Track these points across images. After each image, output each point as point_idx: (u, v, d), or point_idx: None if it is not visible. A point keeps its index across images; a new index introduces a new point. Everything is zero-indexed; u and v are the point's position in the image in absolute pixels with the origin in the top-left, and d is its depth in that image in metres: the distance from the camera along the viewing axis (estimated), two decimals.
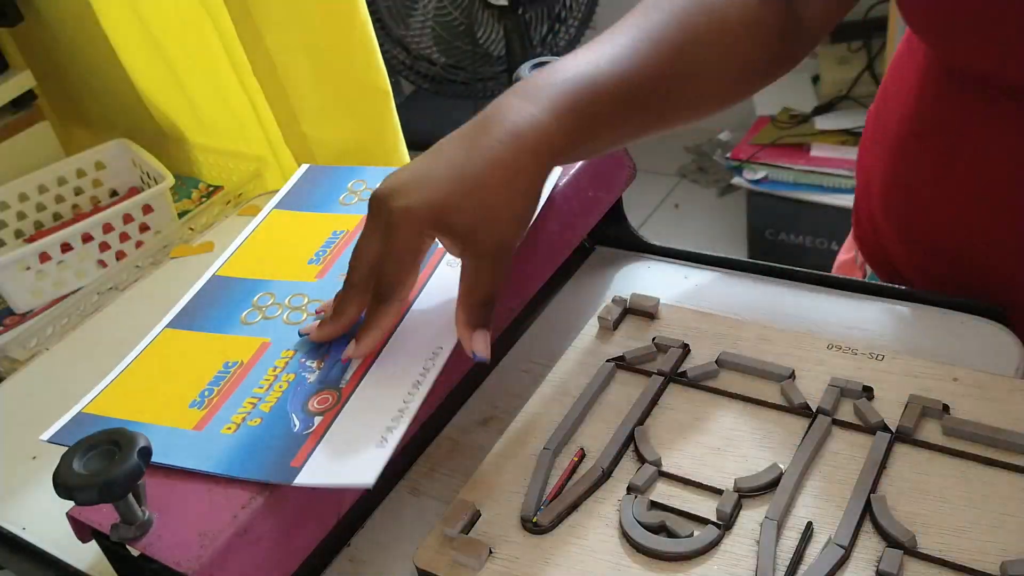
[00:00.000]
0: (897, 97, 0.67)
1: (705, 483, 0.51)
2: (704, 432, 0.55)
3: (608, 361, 0.60)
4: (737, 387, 0.57)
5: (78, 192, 1.02)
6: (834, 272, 0.80)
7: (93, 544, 0.50)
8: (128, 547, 0.47)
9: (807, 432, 0.53)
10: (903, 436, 0.52)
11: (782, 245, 2.11)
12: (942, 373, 0.55)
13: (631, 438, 0.55)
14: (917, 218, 0.66)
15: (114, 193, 1.04)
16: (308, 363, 0.55)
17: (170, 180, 0.93)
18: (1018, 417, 0.51)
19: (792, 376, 0.56)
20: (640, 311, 0.64)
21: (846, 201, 1.94)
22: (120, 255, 0.92)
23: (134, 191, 1.03)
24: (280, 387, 0.53)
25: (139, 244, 0.93)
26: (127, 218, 0.91)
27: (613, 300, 0.65)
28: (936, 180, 0.63)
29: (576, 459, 0.54)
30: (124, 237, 0.92)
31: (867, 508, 0.48)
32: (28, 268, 0.86)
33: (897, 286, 0.64)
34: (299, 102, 0.90)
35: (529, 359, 0.66)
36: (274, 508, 0.48)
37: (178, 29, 0.94)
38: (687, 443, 0.54)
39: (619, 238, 0.74)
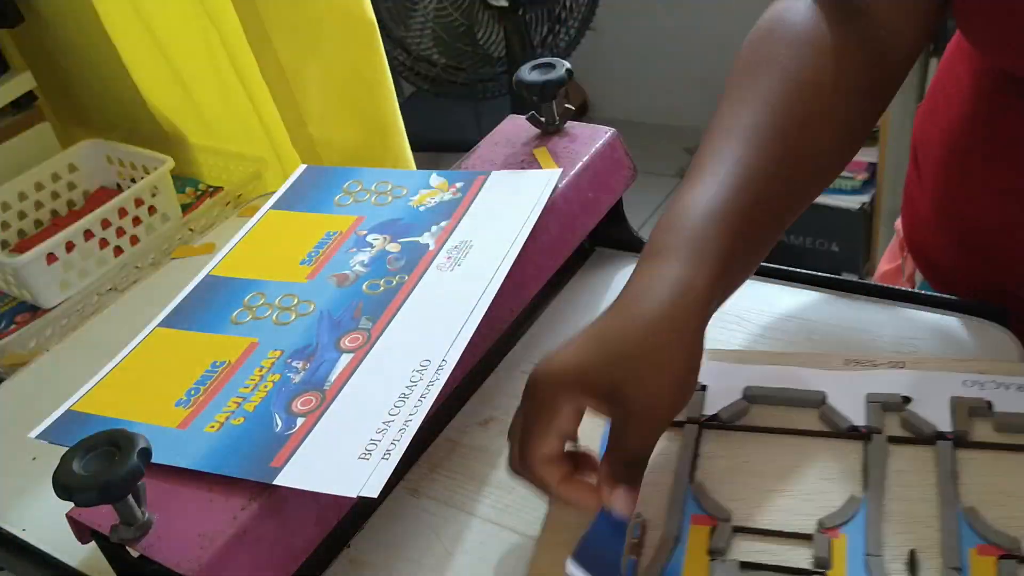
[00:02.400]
0: (948, 101, 0.66)
1: (786, 530, 0.48)
2: (758, 475, 0.52)
3: None
4: (772, 420, 0.54)
5: (55, 197, 1.01)
6: (878, 278, 0.79)
7: (93, 545, 0.50)
8: (128, 548, 0.47)
9: (866, 456, 0.51)
10: (960, 441, 0.50)
11: (782, 246, 2.11)
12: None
13: (687, 496, 0.51)
14: (967, 217, 0.65)
15: (87, 195, 1.03)
16: (294, 364, 0.55)
17: (170, 162, 0.93)
18: None
19: (824, 400, 0.54)
20: None
21: (846, 202, 1.94)
22: (134, 240, 0.92)
23: (104, 191, 1.03)
24: (265, 387, 0.53)
25: (148, 228, 0.93)
26: (138, 202, 0.92)
27: None
28: (987, 180, 0.62)
29: (640, 530, 0.50)
30: (137, 221, 0.92)
31: (960, 522, 0.46)
32: (56, 260, 0.85)
33: (898, 287, 0.64)
34: (306, 104, 0.89)
35: (529, 360, 0.66)
36: (274, 509, 0.48)
37: (181, 30, 0.94)
38: (746, 490, 0.51)
39: (619, 239, 0.74)
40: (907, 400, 0.53)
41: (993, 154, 0.61)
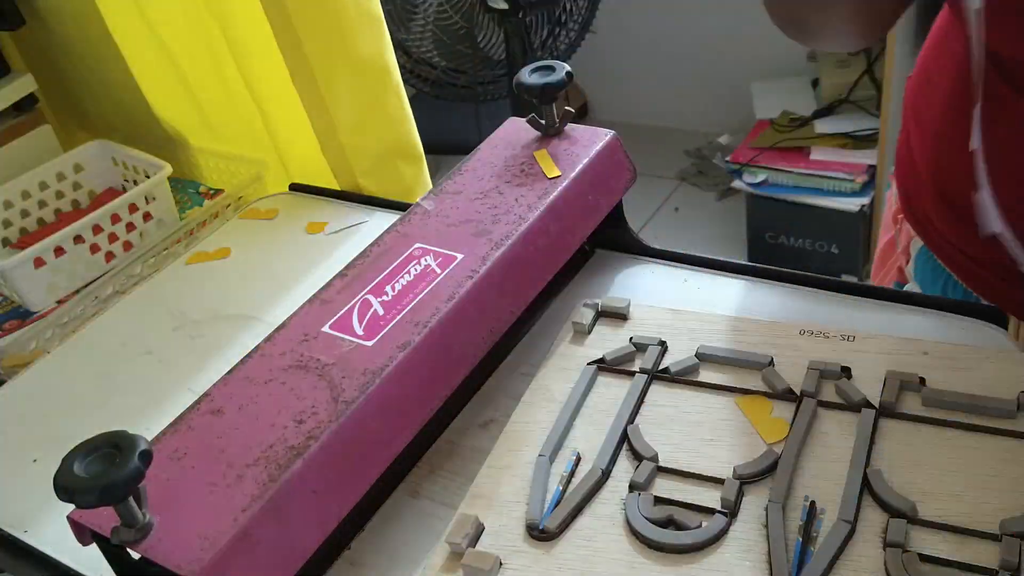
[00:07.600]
0: (942, 72, 0.66)
1: (705, 474, 0.52)
2: (694, 424, 0.56)
3: (589, 364, 0.61)
4: (719, 379, 0.58)
5: (59, 196, 1.01)
6: (877, 254, 0.80)
7: (94, 547, 0.50)
8: (129, 550, 0.47)
9: (795, 415, 0.54)
10: (887, 411, 0.53)
11: (782, 248, 2.11)
12: (912, 348, 0.56)
13: (624, 437, 0.55)
14: (957, 184, 0.65)
15: (92, 195, 1.04)
16: None
17: (168, 169, 0.94)
18: (988, 383, 0.53)
19: (771, 363, 0.58)
20: (612, 313, 0.64)
21: (846, 204, 1.94)
22: (127, 246, 0.92)
23: (111, 192, 1.03)
24: None
25: (143, 234, 0.93)
26: (132, 208, 0.92)
27: (584, 304, 0.65)
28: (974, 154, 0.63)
29: (574, 463, 0.54)
30: (131, 227, 0.92)
31: (865, 482, 0.49)
32: (44, 264, 0.86)
33: (897, 289, 0.64)
34: (337, 111, 0.89)
35: (529, 362, 0.66)
36: (275, 511, 0.48)
37: (185, 32, 0.94)
38: (680, 436, 0.55)
39: (619, 241, 0.74)
40: (846, 370, 0.56)
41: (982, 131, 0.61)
